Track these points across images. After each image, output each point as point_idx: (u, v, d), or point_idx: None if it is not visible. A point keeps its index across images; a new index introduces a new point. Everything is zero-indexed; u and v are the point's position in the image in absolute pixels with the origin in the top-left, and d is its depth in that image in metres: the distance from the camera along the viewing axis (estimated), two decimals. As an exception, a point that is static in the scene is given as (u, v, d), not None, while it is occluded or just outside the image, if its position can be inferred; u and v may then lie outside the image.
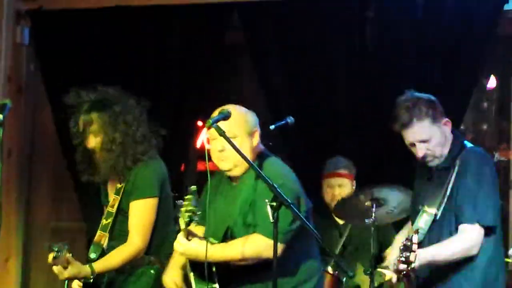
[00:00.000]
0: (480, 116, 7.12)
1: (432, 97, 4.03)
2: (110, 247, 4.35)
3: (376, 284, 4.67)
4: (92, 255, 4.33)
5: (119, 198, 4.34)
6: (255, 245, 3.73)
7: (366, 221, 4.74)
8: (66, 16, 6.35)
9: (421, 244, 3.76)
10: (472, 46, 5.71)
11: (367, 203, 4.72)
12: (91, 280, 4.23)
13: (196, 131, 6.51)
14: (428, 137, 3.89)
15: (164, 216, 4.34)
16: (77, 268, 4.18)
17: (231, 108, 3.86)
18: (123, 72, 6.03)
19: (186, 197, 3.77)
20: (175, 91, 6.21)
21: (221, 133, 3.64)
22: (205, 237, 3.87)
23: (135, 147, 4.30)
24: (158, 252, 4.33)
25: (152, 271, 4.29)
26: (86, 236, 6.19)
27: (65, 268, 4.14)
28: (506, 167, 6.36)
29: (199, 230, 4.00)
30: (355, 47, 5.94)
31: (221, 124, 3.71)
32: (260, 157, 3.91)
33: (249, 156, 3.77)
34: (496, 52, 6.19)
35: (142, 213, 4.28)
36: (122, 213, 4.35)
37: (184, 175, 6.37)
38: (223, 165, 3.89)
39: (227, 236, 3.86)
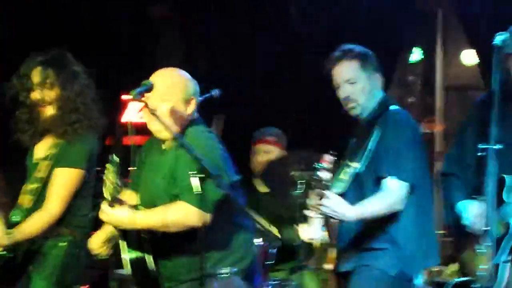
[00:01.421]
0: (405, 89, 7.21)
1: (369, 51, 4.09)
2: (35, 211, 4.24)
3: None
4: (15, 218, 4.21)
5: (49, 164, 4.26)
6: (178, 212, 3.67)
7: (293, 193, 4.74)
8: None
9: (343, 196, 3.79)
10: (394, 20, 5.77)
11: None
12: (9, 253, 4.13)
13: (121, 105, 6.45)
14: (353, 78, 3.96)
15: (84, 189, 4.28)
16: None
17: (174, 71, 3.84)
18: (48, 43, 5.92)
19: (108, 165, 3.76)
20: (99, 64, 6.11)
21: (145, 105, 3.64)
22: (135, 206, 3.84)
23: (84, 111, 4.25)
24: (71, 223, 4.19)
25: (62, 244, 4.15)
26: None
27: None
28: (431, 139, 6.47)
29: (133, 196, 3.97)
30: (282, 22, 5.98)
31: (159, 85, 3.70)
32: (190, 125, 3.88)
33: (179, 122, 3.75)
34: (420, 26, 6.28)
35: (65, 181, 4.18)
36: (49, 179, 4.27)
37: (110, 149, 6.31)
38: (153, 126, 3.85)
39: (155, 206, 3.84)
